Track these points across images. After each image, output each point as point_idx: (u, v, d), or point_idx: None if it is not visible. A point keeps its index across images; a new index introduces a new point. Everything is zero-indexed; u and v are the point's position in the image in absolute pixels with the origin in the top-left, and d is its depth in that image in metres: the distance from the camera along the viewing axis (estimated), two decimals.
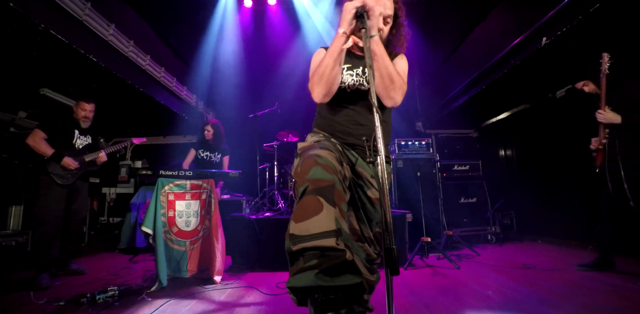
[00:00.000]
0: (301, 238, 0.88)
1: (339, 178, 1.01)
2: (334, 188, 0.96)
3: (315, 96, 1.21)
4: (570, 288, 2.07)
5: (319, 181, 0.96)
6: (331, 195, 0.94)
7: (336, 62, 1.16)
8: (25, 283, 2.38)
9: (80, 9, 2.95)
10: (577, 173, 3.77)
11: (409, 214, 3.07)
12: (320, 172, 0.98)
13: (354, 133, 1.26)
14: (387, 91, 1.18)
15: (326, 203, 0.92)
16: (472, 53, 4.26)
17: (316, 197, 0.93)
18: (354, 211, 1.21)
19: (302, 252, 0.87)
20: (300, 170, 1.03)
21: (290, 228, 0.92)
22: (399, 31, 1.37)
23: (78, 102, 2.82)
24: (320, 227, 0.88)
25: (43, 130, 2.60)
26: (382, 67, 1.15)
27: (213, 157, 3.64)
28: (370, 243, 1.22)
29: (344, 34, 1.13)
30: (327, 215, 0.90)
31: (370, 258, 1.20)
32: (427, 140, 4.16)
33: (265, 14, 4.84)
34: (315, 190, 0.94)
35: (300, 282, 0.83)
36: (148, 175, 2.52)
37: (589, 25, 2.62)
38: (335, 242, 0.85)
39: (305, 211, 0.91)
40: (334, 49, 1.14)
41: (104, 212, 4.96)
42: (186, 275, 2.44)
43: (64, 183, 2.62)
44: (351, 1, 1.09)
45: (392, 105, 1.21)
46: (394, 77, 1.16)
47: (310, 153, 1.07)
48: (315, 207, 0.91)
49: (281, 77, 5.61)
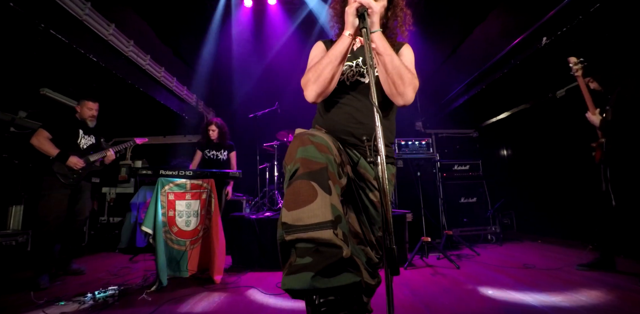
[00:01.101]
0: (295, 228, 0.83)
1: (334, 159, 0.95)
2: (327, 171, 0.90)
3: (308, 94, 1.13)
4: (570, 288, 2.07)
5: (311, 163, 0.90)
6: (325, 179, 0.88)
7: (338, 62, 1.10)
8: (25, 283, 2.38)
9: (80, 9, 2.95)
10: (577, 173, 3.77)
11: (409, 214, 3.07)
12: (312, 151, 0.92)
13: (354, 133, 1.18)
14: (396, 87, 1.09)
15: (320, 189, 0.86)
16: (472, 53, 4.26)
17: (309, 182, 0.87)
18: (355, 214, 1.16)
19: (295, 243, 0.83)
20: (291, 148, 0.96)
21: (283, 216, 0.86)
22: (395, 12, 1.30)
23: (83, 102, 2.82)
24: (315, 217, 0.83)
25: (47, 130, 2.59)
26: (387, 62, 1.08)
27: (220, 154, 3.63)
28: (372, 246, 1.16)
29: (350, 36, 1.10)
30: (322, 203, 0.84)
31: (372, 262, 1.15)
32: (427, 140, 4.16)
33: (265, 13, 4.85)
34: (307, 174, 0.88)
35: (296, 284, 0.79)
36: (148, 175, 2.52)
37: (589, 25, 2.63)
38: (332, 234, 0.81)
39: (298, 198, 0.86)
40: (340, 50, 1.10)
41: (104, 212, 4.96)
42: (186, 275, 2.44)
43: (69, 184, 2.61)
44: (350, 4, 1.09)
45: (403, 102, 1.11)
46: (402, 72, 1.08)
47: (304, 132, 1.01)
48: (309, 194, 0.85)
49: (281, 77, 5.61)
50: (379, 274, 1.16)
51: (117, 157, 3.03)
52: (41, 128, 2.61)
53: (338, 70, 1.12)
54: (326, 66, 1.10)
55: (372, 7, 1.05)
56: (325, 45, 1.33)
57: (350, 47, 1.12)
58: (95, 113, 2.85)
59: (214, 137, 3.57)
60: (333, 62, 1.10)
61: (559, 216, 4.14)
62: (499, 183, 4.67)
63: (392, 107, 1.27)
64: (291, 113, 4.97)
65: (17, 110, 4.19)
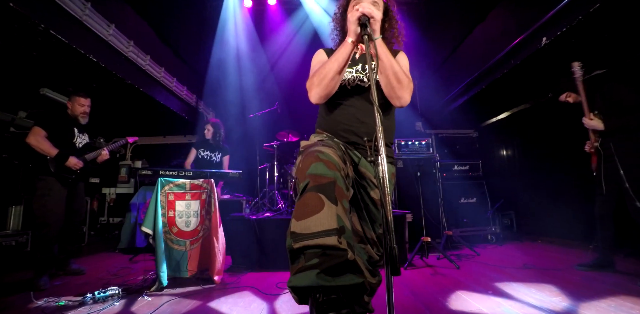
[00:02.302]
0: (303, 236, 0.87)
1: (341, 175, 1.00)
2: (335, 184, 0.95)
3: (312, 96, 1.22)
4: (570, 287, 2.07)
5: (320, 178, 0.95)
6: (332, 192, 0.93)
7: (341, 67, 1.17)
8: (25, 283, 2.37)
9: (80, 9, 2.95)
10: (577, 173, 3.77)
11: (409, 214, 3.07)
12: (321, 168, 0.97)
13: (356, 132, 1.25)
14: (395, 91, 1.18)
15: (327, 200, 0.91)
16: (472, 53, 4.26)
17: (317, 194, 0.92)
18: (356, 211, 1.20)
19: (304, 250, 0.87)
20: (302, 166, 1.03)
21: (292, 225, 0.91)
22: (391, 24, 1.39)
23: (74, 98, 2.73)
24: (321, 225, 0.87)
25: (43, 128, 2.51)
26: (387, 66, 1.15)
27: (213, 156, 3.65)
28: (372, 244, 1.20)
29: (353, 43, 1.16)
30: (328, 213, 0.89)
31: (373, 260, 1.18)
32: (427, 140, 4.16)
33: (265, 13, 4.85)
34: (316, 187, 0.93)
35: (302, 282, 0.83)
36: (148, 175, 2.52)
37: (589, 25, 2.63)
38: (337, 241, 0.85)
39: (306, 209, 0.91)
40: (343, 56, 1.16)
41: (104, 212, 4.96)
42: (186, 275, 2.44)
43: (67, 184, 2.60)
44: (352, 13, 1.16)
45: (400, 104, 1.21)
46: (400, 76, 1.16)
47: (312, 149, 1.06)
48: (316, 204, 0.90)
49: (281, 77, 5.61)
50: (380, 273, 1.19)
51: (117, 157, 3.03)
52: (36, 126, 2.50)
53: (340, 74, 1.19)
54: (329, 70, 1.17)
55: (375, 16, 1.12)
56: (326, 53, 1.40)
57: (352, 52, 1.18)
58: (87, 109, 2.76)
59: (209, 137, 3.61)
60: (335, 67, 1.16)
61: (559, 216, 4.13)
62: (499, 183, 4.67)
63: (391, 108, 1.34)
64: (291, 114, 4.97)
65: (17, 110, 4.18)
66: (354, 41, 1.16)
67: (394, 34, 1.39)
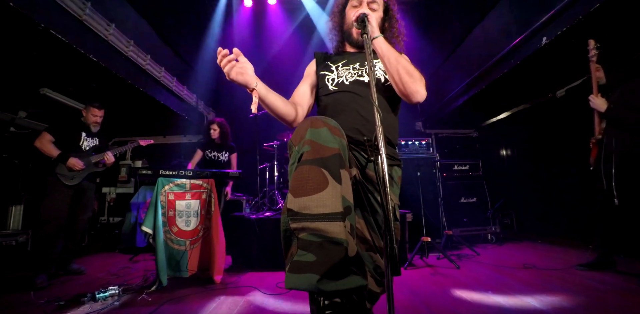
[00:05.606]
0: (302, 215, 0.78)
1: (347, 144, 0.90)
2: (340, 158, 0.84)
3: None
4: (570, 287, 2.07)
5: (323, 149, 0.83)
6: (337, 167, 0.82)
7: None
8: (25, 282, 2.38)
9: (80, 9, 2.95)
10: (577, 173, 3.77)
11: (409, 214, 3.07)
12: (325, 135, 0.85)
13: (362, 130, 1.17)
14: (409, 85, 1.11)
15: (331, 178, 0.80)
16: (472, 53, 4.26)
17: (319, 169, 0.81)
18: (364, 218, 1.10)
19: (300, 232, 0.78)
20: (301, 127, 0.89)
21: (288, 202, 0.81)
22: (391, 23, 1.37)
23: (89, 108, 2.88)
24: (324, 207, 0.78)
25: (51, 133, 2.67)
26: (394, 63, 1.12)
27: (220, 156, 3.64)
28: (381, 253, 1.08)
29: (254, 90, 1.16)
30: (332, 193, 0.79)
31: (380, 270, 1.07)
32: (427, 140, 4.16)
33: (265, 13, 4.84)
34: (318, 161, 0.82)
35: (301, 285, 0.75)
36: (148, 175, 2.52)
37: (589, 25, 2.63)
38: (341, 227, 0.78)
39: (306, 185, 0.80)
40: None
41: (104, 212, 4.96)
42: (186, 275, 2.44)
43: (70, 184, 2.66)
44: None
45: (417, 100, 1.14)
46: (411, 70, 1.12)
47: (316, 116, 0.96)
48: (319, 182, 0.80)
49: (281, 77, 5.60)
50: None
51: (117, 156, 3.04)
52: (45, 131, 2.68)
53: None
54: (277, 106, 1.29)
55: (369, 13, 1.15)
56: (317, 61, 1.40)
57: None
58: (99, 120, 2.93)
59: (215, 137, 3.58)
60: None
61: (559, 216, 4.14)
62: (499, 183, 4.67)
63: (397, 104, 1.29)
64: None
65: (17, 110, 4.19)
66: (254, 88, 1.20)
67: (394, 33, 1.36)
